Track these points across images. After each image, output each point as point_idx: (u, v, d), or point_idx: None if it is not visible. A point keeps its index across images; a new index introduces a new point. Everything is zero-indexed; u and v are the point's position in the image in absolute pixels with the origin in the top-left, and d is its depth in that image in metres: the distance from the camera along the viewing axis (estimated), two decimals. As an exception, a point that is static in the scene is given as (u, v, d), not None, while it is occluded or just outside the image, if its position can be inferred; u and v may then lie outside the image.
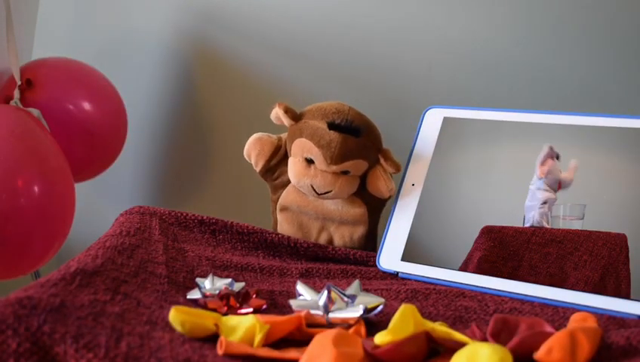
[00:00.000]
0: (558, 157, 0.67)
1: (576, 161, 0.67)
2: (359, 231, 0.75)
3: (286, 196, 0.76)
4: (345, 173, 0.72)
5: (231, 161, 1.15)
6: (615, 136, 0.67)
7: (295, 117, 0.74)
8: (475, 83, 1.00)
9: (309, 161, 0.73)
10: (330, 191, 0.72)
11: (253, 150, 0.77)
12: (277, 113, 0.75)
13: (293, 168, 0.74)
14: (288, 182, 0.76)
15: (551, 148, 0.68)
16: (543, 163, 0.67)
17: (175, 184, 1.21)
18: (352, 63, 1.04)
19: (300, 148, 0.73)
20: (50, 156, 0.87)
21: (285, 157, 0.77)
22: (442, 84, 1.01)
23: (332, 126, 0.72)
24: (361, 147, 0.72)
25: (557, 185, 0.66)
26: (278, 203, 0.77)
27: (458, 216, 0.70)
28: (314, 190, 0.72)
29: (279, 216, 0.77)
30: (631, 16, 0.94)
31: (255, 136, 0.77)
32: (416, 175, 0.74)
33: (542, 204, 0.65)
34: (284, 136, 0.78)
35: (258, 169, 0.77)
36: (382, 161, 0.73)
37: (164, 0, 1.16)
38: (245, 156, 0.78)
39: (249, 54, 1.11)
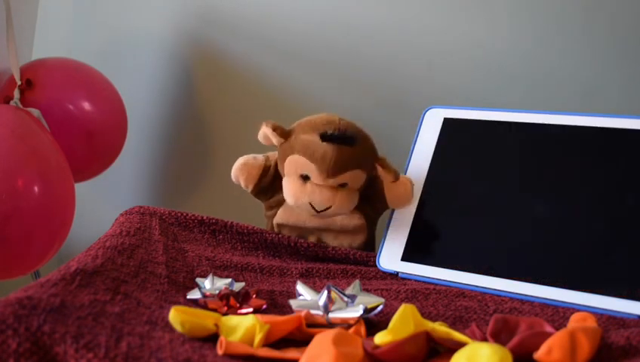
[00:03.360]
0: None
1: None
2: (358, 240, 0.74)
3: (282, 214, 0.74)
4: (343, 186, 0.71)
5: (231, 161, 1.14)
6: (615, 137, 0.67)
7: (284, 134, 0.72)
8: (475, 83, 1.00)
9: (305, 178, 0.71)
10: (330, 206, 0.70)
11: (241, 175, 0.75)
12: (265, 133, 0.72)
13: (289, 188, 0.72)
14: (283, 200, 0.74)
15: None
16: None
17: (175, 184, 1.21)
18: (352, 64, 1.04)
19: (294, 166, 0.71)
20: (50, 156, 0.87)
21: (276, 176, 0.75)
22: (442, 84, 1.01)
23: (325, 137, 0.69)
24: (357, 156, 0.70)
25: None
26: (274, 221, 0.75)
27: (458, 216, 0.70)
28: (313, 208, 0.71)
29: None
30: (632, 17, 0.94)
31: (240, 160, 0.75)
32: (417, 175, 0.74)
33: None
34: (271, 154, 0.76)
35: (249, 191, 0.76)
36: (380, 170, 0.71)
37: (164, 0, 1.16)
38: (234, 180, 0.76)
39: (249, 55, 1.11)
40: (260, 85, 1.10)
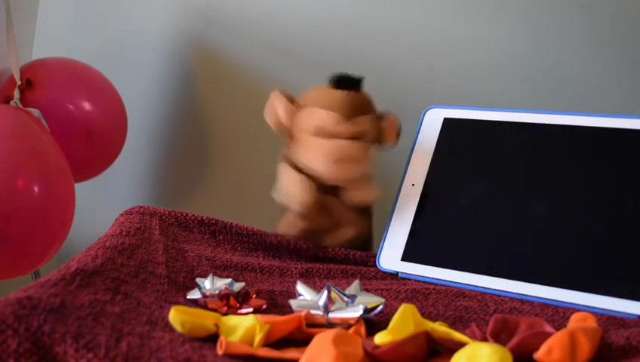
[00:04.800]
0: None
1: None
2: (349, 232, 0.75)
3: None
4: (357, 138, 0.71)
5: (231, 161, 1.15)
6: (615, 137, 0.67)
7: (291, 99, 0.74)
8: (475, 83, 1.00)
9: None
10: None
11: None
12: (272, 103, 0.74)
13: (304, 145, 0.72)
14: None
15: None
16: None
17: (175, 184, 1.21)
18: (352, 64, 1.03)
19: (307, 119, 0.72)
20: (50, 156, 0.87)
21: None
22: (442, 84, 1.01)
23: (335, 81, 0.73)
24: (366, 101, 0.74)
25: None
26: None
27: (458, 216, 0.70)
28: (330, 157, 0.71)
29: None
30: (632, 17, 0.94)
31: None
32: (416, 175, 0.74)
33: None
34: None
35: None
36: (384, 122, 0.74)
37: (164, 0, 1.16)
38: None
39: (249, 55, 1.11)
40: (260, 85, 1.10)
